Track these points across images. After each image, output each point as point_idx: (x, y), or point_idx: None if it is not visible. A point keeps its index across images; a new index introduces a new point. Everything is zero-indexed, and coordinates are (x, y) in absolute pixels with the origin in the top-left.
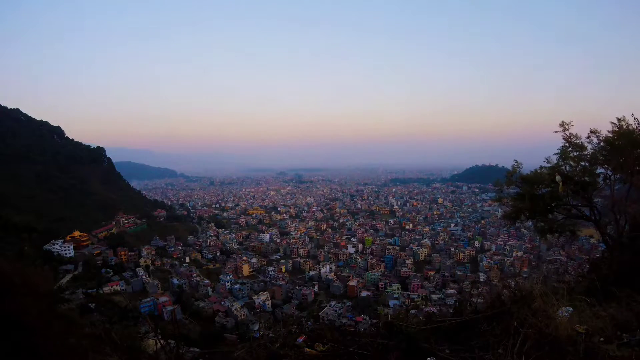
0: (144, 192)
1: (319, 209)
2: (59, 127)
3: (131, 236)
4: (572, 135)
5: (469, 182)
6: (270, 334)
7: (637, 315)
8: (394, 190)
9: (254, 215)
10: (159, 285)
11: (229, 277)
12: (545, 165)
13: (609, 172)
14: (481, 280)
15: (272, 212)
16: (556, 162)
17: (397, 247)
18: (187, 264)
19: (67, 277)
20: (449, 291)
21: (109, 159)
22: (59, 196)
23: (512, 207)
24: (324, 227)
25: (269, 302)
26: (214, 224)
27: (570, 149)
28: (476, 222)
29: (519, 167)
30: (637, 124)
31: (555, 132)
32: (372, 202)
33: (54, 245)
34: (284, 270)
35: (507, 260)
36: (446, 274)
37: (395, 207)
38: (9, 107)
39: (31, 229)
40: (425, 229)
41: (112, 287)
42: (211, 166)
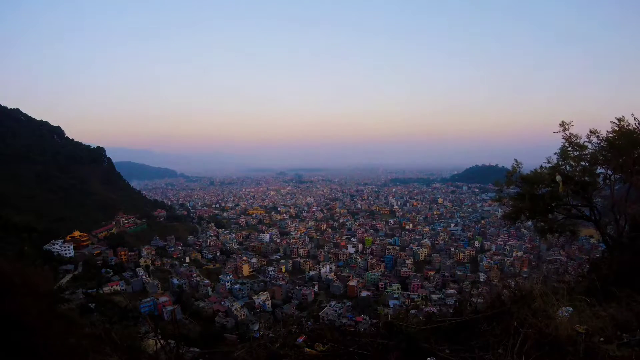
0: (144, 192)
1: (319, 209)
2: (59, 127)
3: (131, 236)
4: (572, 135)
5: (469, 182)
6: (270, 334)
7: (637, 315)
8: (394, 190)
9: (254, 215)
10: (159, 285)
11: (229, 277)
12: (545, 165)
13: (609, 172)
14: (481, 280)
15: (272, 212)
16: (556, 161)
17: (397, 247)
18: (187, 264)
19: (67, 277)
20: (449, 291)
21: (109, 159)
22: (59, 196)
23: (512, 207)
24: (324, 227)
25: (269, 302)
26: (214, 224)
27: (570, 148)
28: (476, 222)
29: (519, 166)
30: (638, 124)
31: (555, 132)
32: (372, 202)
33: (54, 245)
34: (284, 270)
35: (507, 260)
36: (446, 274)
37: (395, 207)
38: (9, 107)
39: (31, 229)
40: (425, 229)
41: (112, 287)
42: (211, 166)
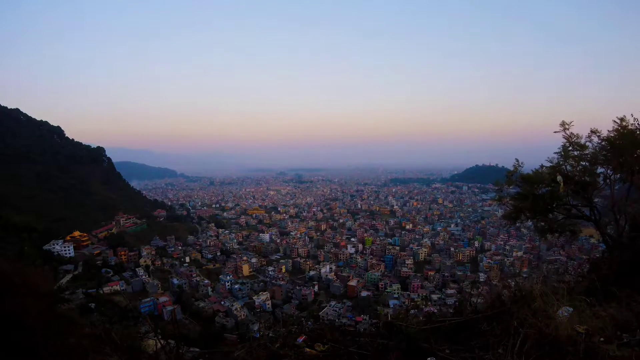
0: (144, 192)
1: (319, 209)
2: (59, 127)
3: (131, 236)
4: (573, 134)
5: (469, 182)
6: (270, 334)
7: (637, 315)
8: (394, 190)
9: (254, 215)
10: (159, 285)
11: (229, 277)
12: (546, 164)
13: (609, 172)
14: (481, 280)
15: (272, 212)
16: (557, 161)
17: (397, 247)
18: (187, 264)
19: (67, 277)
20: (449, 291)
21: (109, 159)
22: (59, 196)
23: (512, 207)
24: (324, 227)
25: (269, 302)
26: (214, 224)
27: (571, 148)
28: (476, 222)
29: (520, 166)
30: (638, 124)
31: (555, 132)
32: (372, 202)
33: (54, 245)
34: (284, 270)
35: (507, 260)
36: (446, 274)
37: (395, 207)
38: (9, 107)
39: (31, 229)
40: (425, 229)
41: (112, 287)
42: (211, 166)
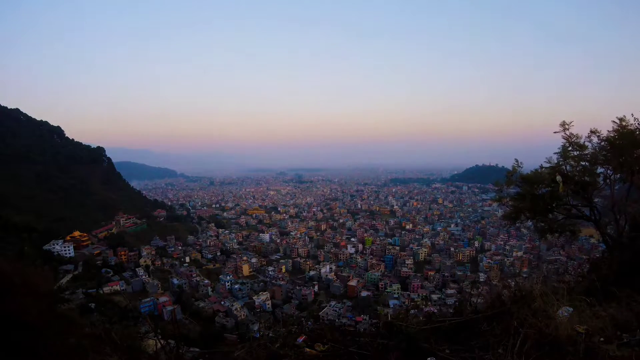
0: (144, 192)
1: (319, 209)
2: (59, 127)
3: (131, 236)
4: (573, 135)
5: (469, 182)
6: (270, 334)
7: (637, 315)
8: (394, 190)
9: (254, 215)
10: (159, 285)
11: (229, 277)
12: (545, 164)
13: (609, 172)
14: (481, 280)
15: (272, 212)
16: (557, 161)
17: (397, 247)
18: (187, 264)
19: (67, 277)
20: (449, 291)
21: (109, 159)
22: (59, 196)
23: (512, 207)
24: (324, 227)
25: (269, 302)
26: (214, 224)
27: (571, 148)
28: (476, 222)
29: (520, 166)
30: (638, 124)
31: (555, 132)
32: (372, 202)
33: (54, 245)
34: (284, 270)
35: (507, 260)
36: (446, 274)
37: (395, 207)
38: (9, 107)
39: (31, 229)
40: (425, 229)
41: (112, 287)
42: (211, 166)
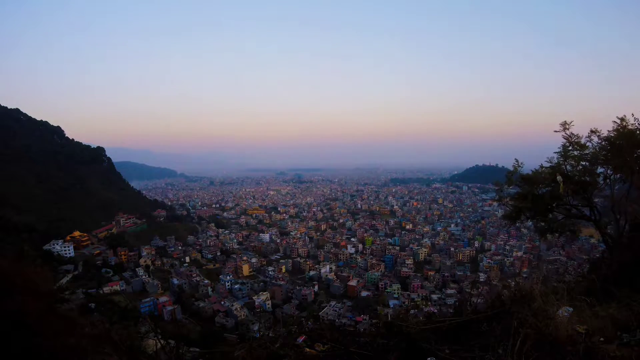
0: (144, 192)
1: (319, 209)
2: (59, 127)
3: (131, 236)
4: (573, 134)
5: (469, 182)
6: (270, 334)
7: (637, 315)
8: (394, 190)
9: (254, 215)
10: (159, 285)
11: (229, 277)
12: (546, 164)
13: (609, 172)
14: (481, 280)
15: (272, 212)
16: (557, 161)
17: (397, 247)
18: (187, 264)
19: (67, 277)
20: (449, 291)
21: (109, 159)
22: (59, 196)
23: (512, 207)
24: (324, 227)
25: (269, 302)
26: (214, 224)
27: (571, 148)
28: (476, 222)
29: (520, 166)
30: (638, 124)
31: (556, 132)
32: (372, 202)
33: (54, 245)
34: (284, 270)
35: (507, 260)
36: (446, 274)
37: (395, 207)
38: (9, 107)
39: (31, 229)
40: (425, 229)
41: (112, 287)
42: (211, 166)
